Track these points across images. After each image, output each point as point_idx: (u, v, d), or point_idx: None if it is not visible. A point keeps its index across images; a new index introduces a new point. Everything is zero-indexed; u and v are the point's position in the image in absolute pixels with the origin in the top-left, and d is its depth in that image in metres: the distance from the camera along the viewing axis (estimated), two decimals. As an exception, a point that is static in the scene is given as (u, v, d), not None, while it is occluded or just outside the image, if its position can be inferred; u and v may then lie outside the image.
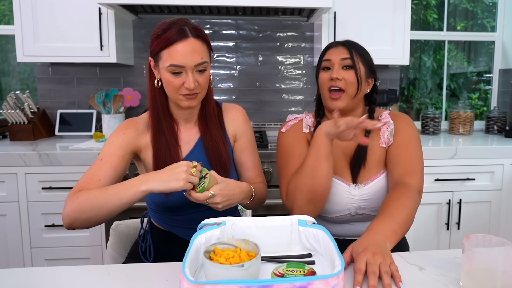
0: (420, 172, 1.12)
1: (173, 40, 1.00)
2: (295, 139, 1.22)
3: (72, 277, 0.83)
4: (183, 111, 1.14)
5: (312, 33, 2.58)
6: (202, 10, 2.32)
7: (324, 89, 1.18)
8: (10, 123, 2.26)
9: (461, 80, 2.94)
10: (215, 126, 1.16)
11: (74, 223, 0.97)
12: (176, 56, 1.01)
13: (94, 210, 0.95)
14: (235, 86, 2.60)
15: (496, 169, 2.12)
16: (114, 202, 0.95)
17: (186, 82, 1.03)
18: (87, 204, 0.95)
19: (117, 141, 1.08)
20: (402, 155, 1.13)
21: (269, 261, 0.87)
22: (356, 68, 1.15)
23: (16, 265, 1.97)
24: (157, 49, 1.03)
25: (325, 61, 1.18)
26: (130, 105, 2.39)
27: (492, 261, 0.71)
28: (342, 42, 1.20)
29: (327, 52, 1.20)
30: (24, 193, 1.93)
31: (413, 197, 1.03)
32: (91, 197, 0.96)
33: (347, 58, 1.15)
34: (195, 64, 1.02)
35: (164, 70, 1.03)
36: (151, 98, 1.12)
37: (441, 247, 2.14)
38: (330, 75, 1.16)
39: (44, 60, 2.17)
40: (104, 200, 0.95)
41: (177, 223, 1.16)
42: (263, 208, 1.95)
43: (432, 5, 2.81)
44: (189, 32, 1.02)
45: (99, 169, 1.04)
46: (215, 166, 1.13)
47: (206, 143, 1.15)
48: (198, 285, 0.65)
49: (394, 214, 0.96)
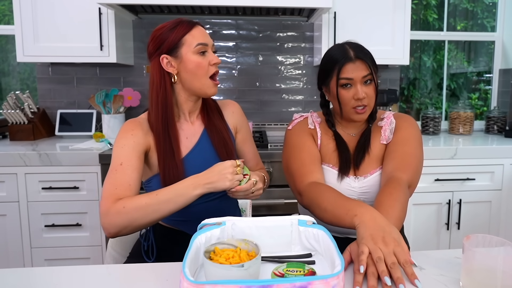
0: (413, 169, 1.11)
1: (190, 27, 1.10)
2: (302, 134, 1.24)
3: (72, 277, 0.83)
4: (191, 103, 1.17)
5: (312, 33, 2.58)
6: (202, 10, 2.32)
7: (348, 107, 1.16)
8: (10, 123, 2.26)
9: (461, 80, 2.94)
10: (217, 118, 1.20)
11: (122, 231, 0.98)
12: (200, 36, 1.10)
13: (147, 217, 0.98)
14: (235, 86, 2.60)
15: (496, 169, 2.12)
16: (167, 209, 0.99)
17: (212, 59, 1.12)
18: (140, 213, 0.97)
19: (129, 143, 1.08)
20: (397, 151, 1.15)
21: (269, 261, 0.87)
22: (375, 82, 1.16)
23: (16, 265, 1.97)
24: (176, 39, 1.08)
25: (345, 79, 1.14)
26: (130, 105, 2.39)
27: (492, 261, 0.71)
28: (355, 54, 1.14)
29: (345, 68, 1.13)
30: (24, 193, 1.93)
31: (404, 191, 1.03)
32: (142, 205, 0.97)
33: (368, 74, 1.14)
34: (212, 43, 1.14)
35: (191, 54, 1.09)
36: (162, 98, 1.11)
37: (441, 247, 2.14)
38: (353, 94, 1.14)
39: (44, 60, 2.17)
40: (158, 207, 0.98)
41: (180, 218, 1.16)
42: (263, 208, 1.95)
43: (432, 5, 2.81)
44: (195, 23, 1.13)
45: (124, 174, 1.03)
46: (222, 155, 1.17)
47: (211, 133, 1.18)
48: (198, 285, 0.65)
49: (389, 211, 0.96)
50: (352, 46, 1.17)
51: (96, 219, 1.97)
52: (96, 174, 1.93)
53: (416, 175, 1.13)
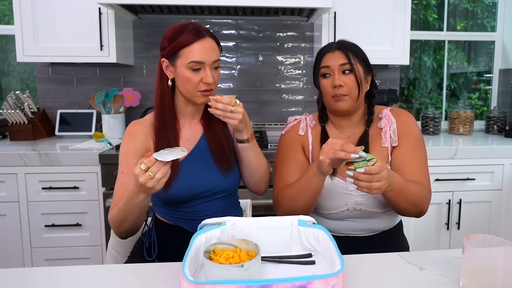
0: (427, 176, 1.18)
1: (192, 40, 1.08)
2: (290, 143, 1.27)
3: (72, 277, 0.83)
4: (191, 107, 1.18)
5: (312, 33, 2.58)
6: (202, 10, 2.32)
7: (328, 96, 1.19)
8: (10, 123, 2.26)
9: (461, 80, 2.94)
10: (218, 122, 1.20)
11: (120, 233, 1.09)
12: (197, 53, 1.08)
13: (125, 223, 1.06)
14: (235, 86, 2.60)
15: (496, 169, 2.12)
16: (131, 216, 1.05)
17: (205, 77, 1.09)
18: (118, 221, 1.06)
19: (130, 150, 1.13)
20: (411, 164, 1.16)
21: (269, 261, 0.87)
22: (356, 71, 1.16)
23: (16, 265, 1.97)
24: (175, 48, 1.08)
25: (323, 67, 1.19)
26: (130, 105, 2.39)
27: (492, 261, 0.71)
28: (336, 45, 1.20)
29: (324, 58, 1.20)
30: (24, 193, 1.93)
31: (425, 189, 1.12)
32: (114, 215, 1.06)
33: (346, 63, 1.16)
34: (212, 60, 1.10)
35: (183, 68, 1.08)
36: (159, 98, 1.15)
37: (441, 247, 2.14)
38: (331, 82, 1.17)
39: (44, 60, 2.17)
40: (125, 215, 1.05)
41: (183, 215, 1.17)
42: (263, 208, 1.95)
43: (432, 5, 2.81)
44: (204, 32, 1.10)
45: (122, 183, 1.10)
46: (218, 160, 1.18)
47: (209, 138, 1.19)
48: (198, 285, 0.65)
49: (408, 181, 1.08)
50: (339, 41, 1.23)
51: (96, 219, 1.97)
52: (96, 174, 1.93)
53: (429, 179, 1.19)
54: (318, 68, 1.21)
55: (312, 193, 1.08)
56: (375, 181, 0.93)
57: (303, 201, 1.10)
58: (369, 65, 1.21)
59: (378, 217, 1.18)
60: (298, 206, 1.11)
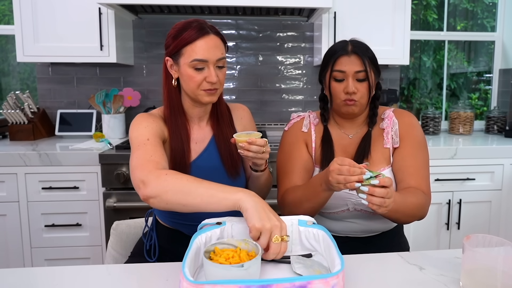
0: (427, 179, 1.17)
1: (196, 37, 1.04)
2: (294, 140, 1.26)
3: (72, 277, 0.83)
4: (198, 109, 1.16)
5: (312, 33, 2.58)
6: (202, 10, 2.32)
7: (339, 99, 1.17)
8: (10, 123, 2.26)
9: (461, 80, 2.94)
10: (227, 125, 1.19)
11: (160, 196, 0.90)
12: (200, 51, 1.04)
13: (178, 195, 0.89)
14: (235, 86, 2.60)
15: (496, 169, 2.12)
16: (197, 203, 0.88)
17: (209, 76, 1.05)
18: (177, 186, 0.89)
19: (152, 126, 1.07)
20: (411, 166, 1.16)
21: (269, 261, 0.87)
22: (369, 80, 1.15)
23: (16, 265, 1.97)
24: (178, 46, 1.06)
25: (337, 71, 1.15)
26: (130, 105, 2.39)
27: (492, 261, 0.71)
28: (353, 49, 1.15)
29: (339, 60, 1.15)
30: (24, 193, 1.93)
31: (422, 196, 1.11)
32: (183, 180, 0.89)
33: (362, 71, 1.13)
34: (217, 58, 1.06)
35: (186, 66, 1.06)
36: (167, 97, 1.13)
37: (441, 247, 2.14)
38: (344, 87, 1.15)
39: (44, 60, 2.17)
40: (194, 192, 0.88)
41: (183, 220, 1.16)
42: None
43: (432, 5, 2.81)
44: (209, 29, 1.06)
45: (155, 145, 1.00)
46: (227, 164, 1.16)
47: (219, 141, 1.17)
48: (198, 285, 0.65)
49: (404, 193, 1.07)
50: (353, 43, 1.18)
51: (96, 219, 1.97)
52: (96, 174, 1.93)
53: (429, 183, 1.18)
54: (331, 69, 1.16)
55: (318, 203, 1.08)
56: (388, 197, 0.91)
57: (308, 208, 1.09)
58: (379, 70, 1.20)
59: (378, 217, 1.18)
60: (302, 212, 1.10)
